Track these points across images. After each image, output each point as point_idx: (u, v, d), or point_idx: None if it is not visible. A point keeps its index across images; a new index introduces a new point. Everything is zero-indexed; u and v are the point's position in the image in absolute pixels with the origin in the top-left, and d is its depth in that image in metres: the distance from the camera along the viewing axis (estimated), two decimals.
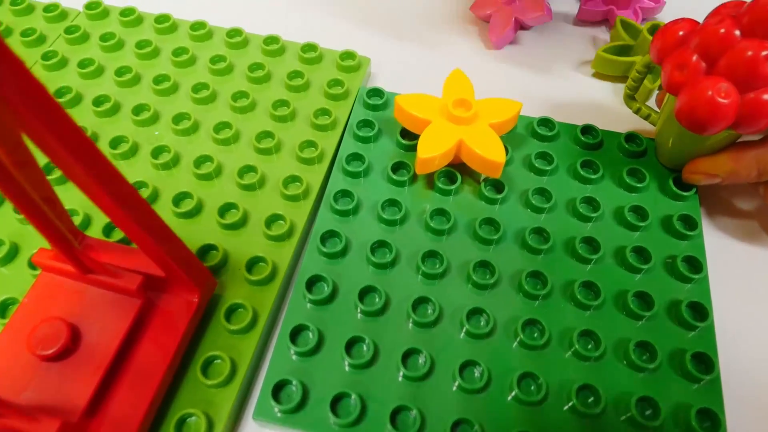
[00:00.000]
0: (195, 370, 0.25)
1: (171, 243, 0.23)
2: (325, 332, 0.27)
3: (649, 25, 0.37)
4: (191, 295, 0.26)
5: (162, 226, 0.22)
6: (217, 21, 0.39)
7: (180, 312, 0.26)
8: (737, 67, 0.26)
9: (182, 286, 0.25)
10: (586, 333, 0.27)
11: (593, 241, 0.30)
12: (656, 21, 0.38)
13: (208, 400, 0.25)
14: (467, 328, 0.27)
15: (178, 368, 0.25)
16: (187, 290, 0.26)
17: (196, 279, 0.25)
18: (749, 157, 0.29)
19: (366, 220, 0.30)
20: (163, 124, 0.34)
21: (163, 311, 0.26)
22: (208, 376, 0.25)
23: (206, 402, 0.25)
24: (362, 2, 0.43)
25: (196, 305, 0.26)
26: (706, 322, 0.27)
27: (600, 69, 0.39)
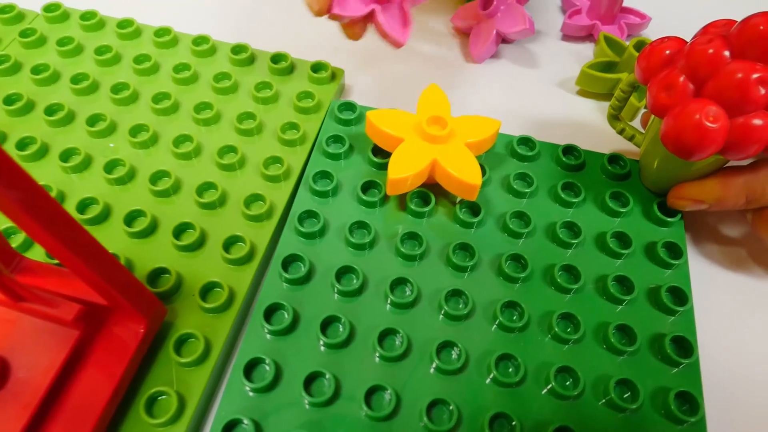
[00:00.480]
0: (138, 407, 0.23)
1: (108, 267, 0.21)
2: (283, 365, 0.25)
3: (634, 41, 0.36)
4: (137, 324, 0.24)
5: (95, 248, 0.20)
6: (183, 27, 0.37)
7: (124, 343, 0.23)
8: (726, 90, 0.24)
9: (126, 314, 0.23)
10: (564, 369, 0.25)
11: (573, 270, 0.28)
12: (642, 37, 0.36)
13: None
14: (438, 363, 0.25)
15: (120, 405, 0.23)
16: (132, 319, 0.24)
17: (141, 307, 0.23)
18: (738, 184, 0.28)
19: (333, 244, 0.28)
20: (119, 136, 0.32)
21: (104, 342, 0.23)
22: (153, 415, 0.23)
23: None
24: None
25: (142, 336, 0.24)
26: (690, 358, 0.25)
27: (585, 86, 0.37)
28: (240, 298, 0.26)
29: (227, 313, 0.26)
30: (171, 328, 0.26)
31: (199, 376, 0.24)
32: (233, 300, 0.26)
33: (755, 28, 0.24)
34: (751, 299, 0.30)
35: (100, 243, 0.20)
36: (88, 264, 0.20)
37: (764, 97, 0.24)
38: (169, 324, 0.26)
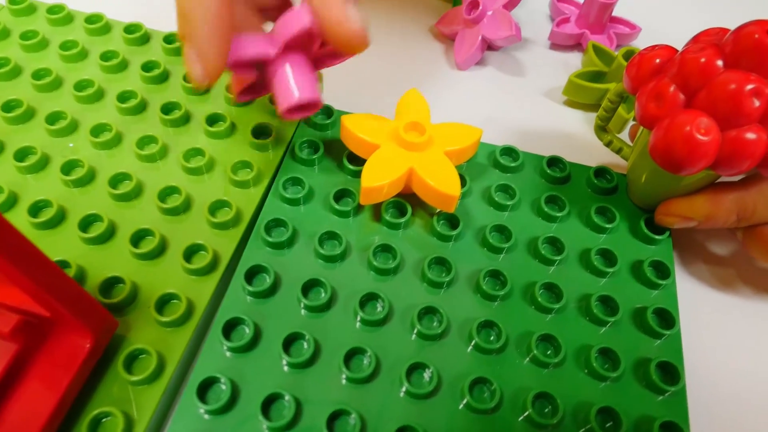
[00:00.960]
0: (80, 429, 0.21)
1: (49, 276, 0.19)
2: (241, 385, 0.23)
3: (624, 50, 0.35)
4: (82, 338, 0.22)
5: (34, 255, 0.18)
6: (155, 24, 0.36)
7: (68, 359, 0.22)
8: (719, 102, 0.23)
9: (71, 327, 0.22)
10: (542, 395, 0.23)
11: (555, 288, 0.26)
12: (631, 47, 0.35)
13: None
14: (407, 387, 0.23)
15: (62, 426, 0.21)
16: (78, 333, 0.22)
17: (88, 320, 0.21)
18: (729, 201, 0.26)
19: (301, 254, 0.27)
20: (80, 136, 0.30)
21: (46, 357, 0.22)
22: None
23: None
24: None
25: (88, 351, 0.22)
26: (677, 386, 0.24)
27: (572, 96, 0.36)
28: (199, 312, 0.25)
29: (184, 328, 0.24)
30: (123, 342, 0.24)
31: (150, 396, 0.22)
32: (192, 313, 0.25)
33: (750, 37, 0.22)
34: (740, 320, 0.28)
35: (41, 250, 0.18)
36: (26, 272, 0.18)
37: (758, 110, 0.23)
38: (121, 338, 0.24)
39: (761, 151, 0.23)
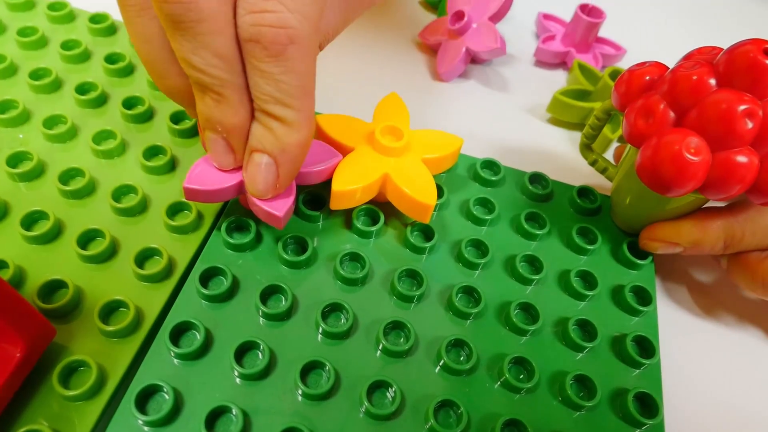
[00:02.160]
0: None
1: None
2: (186, 395, 0.21)
3: (609, 70, 0.34)
4: (12, 346, 0.20)
5: None
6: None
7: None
8: (710, 121, 0.22)
9: (1, 334, 0.19)
10: (513, 423, 0.22)
11: (532, 309, 0.25)
12: (617, 67, 0.34)
13: None
14: (368, 406, 0.21)
15: None
16: (7, 340, 0.20)
17: (19, 325, 0.19)
18: (716, 227, 0.25)
19: (264, 258, 0.25)
20: (32, 127, 0.28)
21: None
22: None
23: None
24: None
25: (18, 360, 0.20)
26: (655, 419, 0.23)
27: (556, 113, 0.35)
28: (149, 322, 0.23)
29: (131, 339, 0.22)
30: (63, 352, 0.22)
31: (88, 413, 0.20)
32: (140, 324, 0.23)
33: (745, 56, 0.22)
34: (722, 350, 0.27)
35: None
36: None
37: (751, 132, 0.22)
38: (60, 347, 0.22)
39: (752, 176, 0.22)
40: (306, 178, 0.25)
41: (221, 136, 0.21)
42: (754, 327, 0.28)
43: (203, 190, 0.23)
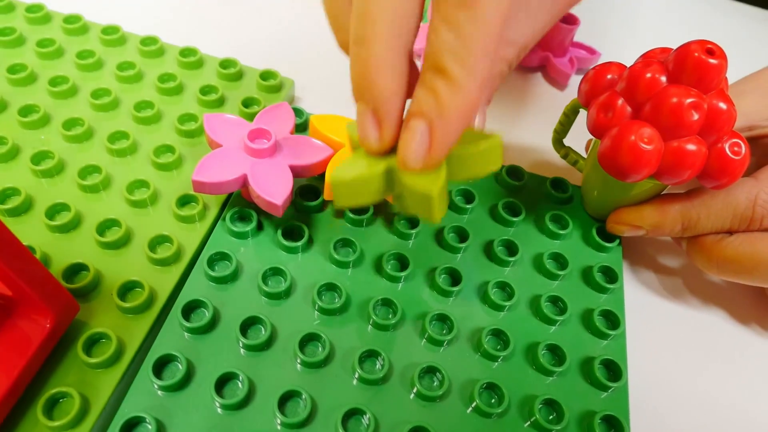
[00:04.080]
0: (36, 408, 0.22)
1: (14, 254, 0.20)
2: (197, 363, 0.24)
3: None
4: (43, 318, 0.22)
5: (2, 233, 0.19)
6: (132, 28, 0.36)
7: (27, 338, 0.22)
8: (661, 114, 0.25)
9: (33, 307, 0.22)
10: (489, 386, 0.24)
11: (508, 287, 0.27)
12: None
13: None
14: (360, 373, 0.24)
15: (18, 405, 0.22)
16: (39, 312, 0.22)
17: (50, 300, 0.22)
18: (674, 210, 0.28)
19: (265, 244, 0.28)
20: (52, 129, 0.31)
21: (6, 335, 0.22)
22: (52, 417, 0.22)
23: None
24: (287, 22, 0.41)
25: (48, 331, 0.22)
26: (619, 382, 0.25)
27: None
28: (161, 300, 0.25)
29: (146, 314, 0.25)
30: (84, 328, 0.24)
31: (108, 379, 0.23)
32: (154, 301, 0.25)
33: (691, 55, 0.24)
34: (685, 327, 0.30)
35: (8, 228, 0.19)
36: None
37: (697, 123, 0.24)
38: (82, 324, 0.24)
39: (701, 162, 0.25)
40: (301, 172, 0.27)
41: (370, 108, 0.20)
42: (716, 308, 0.31)
43: (209, 182, 0.25)
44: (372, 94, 0.20)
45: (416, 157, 0.20)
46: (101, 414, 0.22)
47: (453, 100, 0.19)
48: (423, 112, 0.19)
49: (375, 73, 0.19)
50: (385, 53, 0.19)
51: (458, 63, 0.19)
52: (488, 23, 0.18)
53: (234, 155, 0.26)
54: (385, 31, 0.19)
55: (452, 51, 0.18)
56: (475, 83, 0.19)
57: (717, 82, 0.24)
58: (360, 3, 0.19)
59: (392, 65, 0.19)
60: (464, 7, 0.18)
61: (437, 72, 0.19)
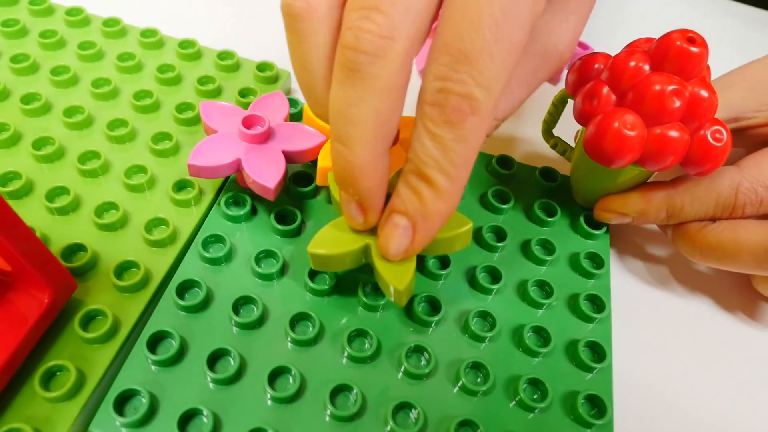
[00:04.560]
0: (33, 380, 0.22)
1: (13, 229, 0.20)
2: (190, 341, 0.24)
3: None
4: (41, 293, 0.23)
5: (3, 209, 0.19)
6: (132, 20, 0.37)
7: (25, 312, 0.23)
8: (644, 101, 0.25)
9: (31, 282, 0.23)
10: (475, 366, 0.25)
11: (496, 272, 0.28)
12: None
13: (44, 416, 0.22)
14: (332, 410, 0.23)
15: (15, 378, 0.22)
16: (37, 288, 0.23)
17: (48, 275, 0.22)
18: (658, 198, 0.28)
19: (258, 228, 0.28)
20: (53, 116, 0.31)
21: (4, 309, 0.23)
22: (49, 388, 0.22)
23: (40, 417, 0.22)
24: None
25: (46, 306, 0.23)
26: (604, 363, 0.26)
27: None
28: (156, 280, 0.26)
29: (142, 293, 0.25)
30: (81, 305, 0.25)
31: (104, 353, 0.24)
32: (149, 280, 0.26)
33: (673, 43, 0.25)
34: (670, 314, 0.30)
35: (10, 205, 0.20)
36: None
37: (679, 110, 0.25)
38: (78, 302, 0.25)
39: (683, 148, 0.26)
40: (294, 158, 0.28)
41: (354, 199, 0.22)
42: (702, 295, 0.31)
43: (205, 166, 0.26)
44: (355, 189, 0.21)
45: (397, 250, 0.22)
46: (97, 387, 0.23)
47: (436, 205, 0.20)
48: (407, 211, 0.21)
49: (359, 174, 0.21)
50: (367, 156, 0.20)
51: (443, 174, 0.20)
52: (473, 140, 0.19)
53: (229, 141, 0.27)
54: (367, 135, 0.20)
55: (438, 164, 0.20)
56: (457, 191, 0.20)
57: (698, 70, 0.25)
58: (339, 103, 0.20)
59: (374, 166, 0.21)
60: (448, 125, 0.19)
61: (423, 179, 0.20)
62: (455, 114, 0.19)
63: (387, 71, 0.19)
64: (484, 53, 0.18)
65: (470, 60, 0.18)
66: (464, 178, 0.20)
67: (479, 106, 0.19)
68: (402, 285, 0.23)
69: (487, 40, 0.18)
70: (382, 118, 0.20)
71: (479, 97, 0.19)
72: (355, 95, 0.19)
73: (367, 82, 0.19)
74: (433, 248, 0.25)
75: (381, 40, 0.19)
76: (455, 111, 0.19)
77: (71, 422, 0.22)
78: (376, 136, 0.20)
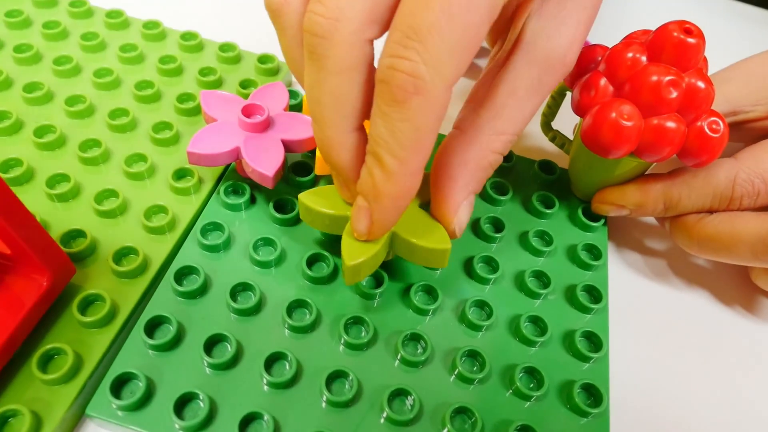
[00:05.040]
0: (31, 362, 0.22)
1: (13, 212, 0.20)
2: (188, 326, 0.24)
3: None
4: (40, 276, 0.23)
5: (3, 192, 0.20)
6: (134, 12, 0.38)
7: (23, 295, 0.23)
8: (641, 92, 0.25)
9: (30, 265, 0.23)
10: (471, 354, 0.25)
11: (493, 262, 0.28)
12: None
13: (41, 398, 0.22)
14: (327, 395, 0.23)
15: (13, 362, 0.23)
16: (36, 271, 0.23)
17: (48, 260, 0.23)
18: (656, 190, 0.29)
19: (257, 217, 0.28)
20: (55, 105, 0.32)
21: (4, 291, 0.23)
22: (47, 371, 0.23)
23: (37, 400, 0.22)
24: None
25: (45, 289, 0.23)
26: (600, 353, 0.26)
27: None
28: (155, 266, 0.26)
29: (140, 279, 0.26)
30: (79, 291, 0.25)
31: (102, 338, 0.24)
32: (147, 267, 0.26)
33: (669, 34, 0.25)
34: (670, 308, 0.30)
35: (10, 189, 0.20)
36: None
37: (676, 100, 0.25)
38: (77, 287, 0.25)
39: (680, 139, 0.26)
40: (293, 147, 0.28)
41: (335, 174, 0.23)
42: (700, 289, 0.31)
43: (204, 154, 0.26)
44: (332, 165, 0.23)
45: (362, 230, 0.22)
46: (94, 370, 0.23)
47: (385, 186, 0.21)
48: (363, 192, 0.22)
49: (330, 150, 0.22)
50: (334, 134, 0.21)
51: (390, 154, 0.20)
52: (419, 121, 0.19)
53: (228, 129, 0.27)
54: (331, 115, 0.21)
55: (386, 143, 0.20)
56: (406, 173, 0.20)
57: (695, 61, 0.25)
58: (306, 85, 0.21)
59: (342, 143, 0.22)
60: (395, 104, 0.19)
61: (374, 159, 0.20)
62: (400, 92, 0.19)
63: (335, 52, 0.19)
64: (433, 30, 0.18)
65: (419, 36, 0.18)
66: (415, 160, 0.20)
67: (424, 86, 0.18)
68: (349, 261, 0.23)
69: (437, 18, 0.18)
70: (339, 97, 0.20)
71: (425, 75, 0.18)
72: (314, 76, 0.20)
73: (320, 63, 0.20)
74: (406, 252, 0.25)
75: (327, 21, 0.19)
76: (400, 89, 0.18)
77: (68, 405, 0.22)
78: (337, 114, 0.21)
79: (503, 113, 0.23)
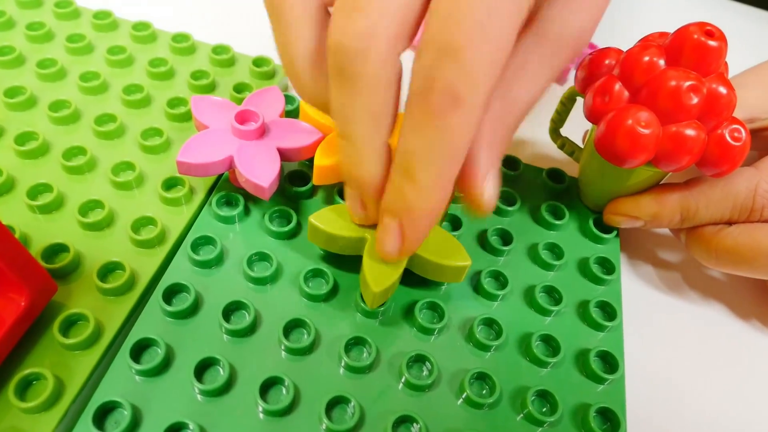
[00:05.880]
0: (8, 389, 0.21)
1: None
2: (177, 349, 0.23)
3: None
4: (18, 296, 0.21)
5: None
6: (124, 14, 0.36)
7: (1, 315, 0.21)
8: (659, 97, 0.24)
9: (7, 284, 0.21)
10: (480, 377, 0.23)
11: (501, 276, 0.27)
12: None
13: (19, 428, 0.20)
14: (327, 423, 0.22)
15: None
16: (14, 290, 0.21)
17: (26, 278, 0.21)
18: (672, 200, 0.27)
19: (251, 230, 0.27)
20: (38, 110, 0.30)
21: None
22: (25, 398, 0.21)
23: (14, 429, 0.20)
24: None
25: (23, 309, 0.21)
26: (616, 374, 0.24)
27: None
28: (143, 282, 0.24)
29: (127, 297, 0.24)
30: (62, 309, 0.23)
31: (85, 361, 0.22)
32: (135, 283, 0.24)
33: (689, 37, 0.24)
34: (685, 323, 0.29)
35: None
36: None
37: (696, 106, 0.24)
38: (60, 305, 0.24)
39: (699, 147, 0.24)
40: (289, 155, 0.27)
41: (357, 193, 0.22)
42: (716, 302, 0.30)
43: (194, 163, 0.25)
44: (357, 183, 0.22)
45: (391, 250, 0.22)
46: (76, 398, 0.21)
47: (418, 203, 0.20)
48: (393, 209, 0.21)
49: (360, 167, 0.21)
50: (369, 151, 0.21)
51: (425, 169, 0.19)
52: (456, 136, 0.19)
53: (221, 137, 0.26)
54: (367, 132, 0.20)
55: (420, 157, 0.19)
56: (439, 188, 0.20)
57: (717, 65, 0.24)
58: (336, 103, 0.20)
59: (372, 160, 0.21)
60: (433, 118, 0.18)
61: (405, 175, 0.20)
62: (439, 107, 0.18)
63: (370, 69, 0.19)
64: (471, 47, 0.17)
65: (456, 53, 0.17)
66: (449, 174, 0.20)
67: (463, 101, 0.18)
68: (379, 288, 0.23)
69: (473, 34, 0.17)
70: (375, 115, 0.20)
71: (463, 91, 0.18)
72: (345, 95, 0.20)
73: (352, 81, 0.19)
74: (422, 268, 0.25)
75: (360, 40, 0.18)
76: (439, 104, 0.18)
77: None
78: (373, 131, 0.20)
79: (513, 87, 0.22)
